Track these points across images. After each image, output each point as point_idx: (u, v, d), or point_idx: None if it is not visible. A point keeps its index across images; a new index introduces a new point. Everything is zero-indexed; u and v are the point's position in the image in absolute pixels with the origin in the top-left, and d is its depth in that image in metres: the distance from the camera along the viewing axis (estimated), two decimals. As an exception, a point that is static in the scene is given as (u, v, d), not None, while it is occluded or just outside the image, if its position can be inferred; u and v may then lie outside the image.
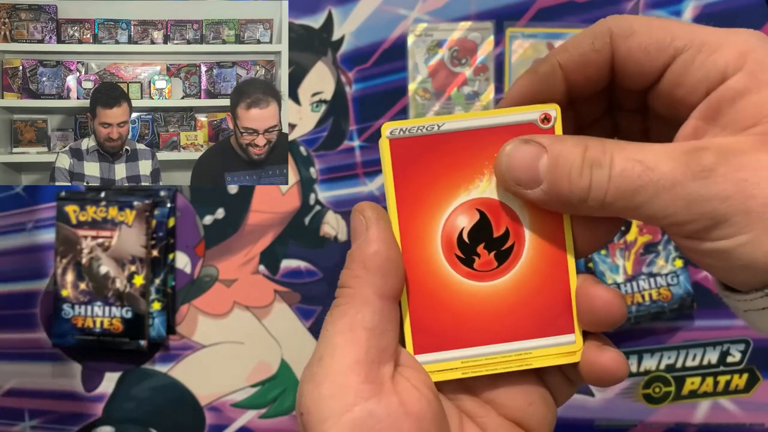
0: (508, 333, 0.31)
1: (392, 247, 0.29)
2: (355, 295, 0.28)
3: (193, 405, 0.68)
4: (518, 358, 0.31)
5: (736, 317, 0.67)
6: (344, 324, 0.28)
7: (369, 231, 0.29)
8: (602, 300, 0.30)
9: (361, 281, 0.29)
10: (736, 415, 0.68)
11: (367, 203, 0.30)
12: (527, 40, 0.68)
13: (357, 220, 0.30)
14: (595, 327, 0.30)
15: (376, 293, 0.28)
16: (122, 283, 0.66)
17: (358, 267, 0.29)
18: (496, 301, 0.31)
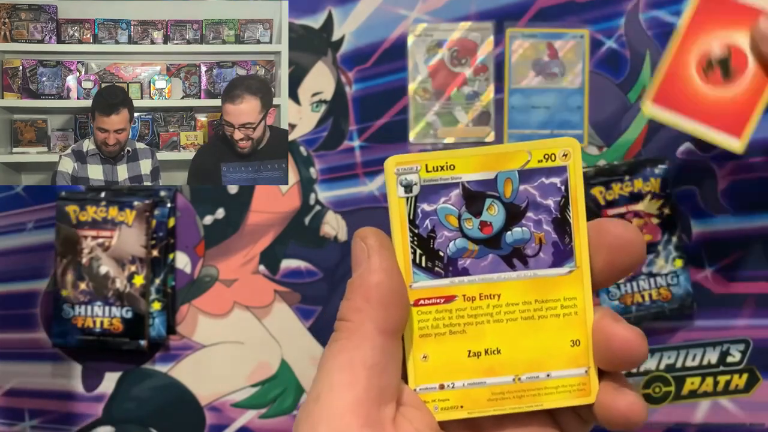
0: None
1: (396, 278, 0.28)
2: (355, 330, 0.27)
3: (193, 405, 0.68)
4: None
5: (736, 317, 0.67)
6: (343, 361, 0.27)
7: (371, 260, 0.28)
8: (622, 340, 0.28)
9: (361, 315, 0.27)
10: (736, 415, 0.68)
11: (369, 229, 0.29)
12: (527, 40, 0.68)
13: (358, 248, 0.29)
14: (613, 367, 0.29)
15: (378, 328, 0.27)
16: (122, 283, 0.66)
17: (359, 299, 0.27)
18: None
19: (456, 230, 0.29)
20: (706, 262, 0.68)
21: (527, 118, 0.68)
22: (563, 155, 0.29)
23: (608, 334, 0.28)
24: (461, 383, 0.29)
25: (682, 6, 0.68)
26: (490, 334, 0.29)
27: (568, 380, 0.29)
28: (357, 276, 0.28)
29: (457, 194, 0.29)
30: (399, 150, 0.68)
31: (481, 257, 0.29)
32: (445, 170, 0.29)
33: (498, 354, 0.29)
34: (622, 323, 0.29)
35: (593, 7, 0.68)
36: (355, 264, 0.29)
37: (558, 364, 0.29)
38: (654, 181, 0.66)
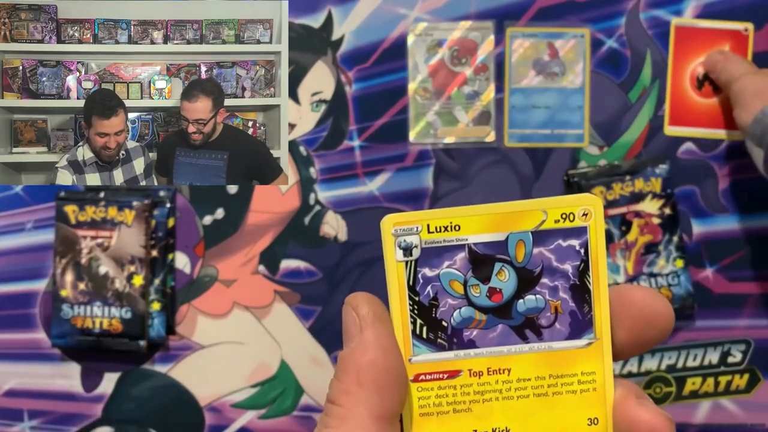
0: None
1: (392, 356, 0.25)
2: (347, 417, 0.24)
3: (193, 405, 0.68)
4: None
5: (737, 317, 0.67)
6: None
7: (364, 334, 0.25)
8: (647, 427, 0.25)
9: (353, 399, 0.24)
10: (737, 415, 0.67)
11: (361, 296, 0.26)
12: (527, 40, 0.68)
13: (350, 319, 0.25)
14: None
15: (372, 415, 0.24)
16: (122, 283, 0.66)
17: (351, 380, 0.24)
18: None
19: (461, 297, 0.26)
20: (707, 262, 0.68)
21: (528, 118, 0.68)
22: (583, 215, 0.26)
23: (632, 419, 0.25)
24: None
25: (682, 6, 0.68)
26: (498, 412, 0.26)
27: None
28: (348, 352, 0.25)
29: (462, 258, 0.26)
30: (399, 150, 0.68)
31: (489, 328, 0.27)
32: (450, 231, 0.26)
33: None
34: (647, 405, 0.26)
35: (594, 6, 0.68)
36: (346, 337, 0.26)
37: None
38: (655, 181, 0.66)
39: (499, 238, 0.26)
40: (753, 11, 0.67)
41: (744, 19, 0.67)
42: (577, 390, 0.26)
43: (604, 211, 0.27)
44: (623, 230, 0.66)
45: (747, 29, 0.67)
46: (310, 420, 0.68)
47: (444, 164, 0.68)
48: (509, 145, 0.68)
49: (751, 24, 0.67)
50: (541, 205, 0.26)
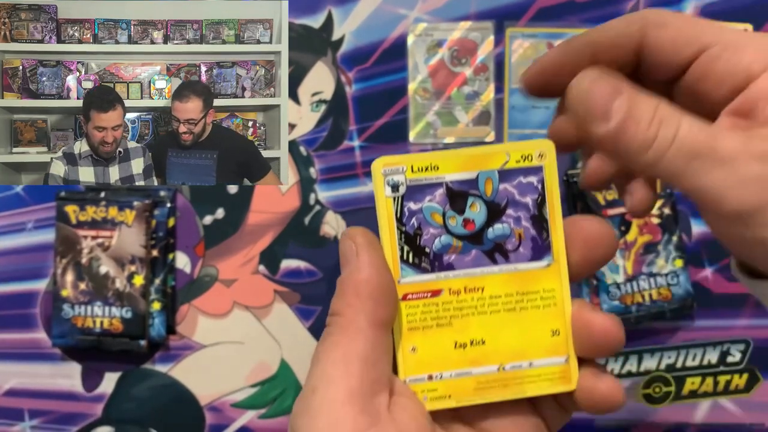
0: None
1: (384, 273, 0.29)
2: (347, 324, 0.28)
3: (193, 405, 0.68)
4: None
5: (736, 317, 0.67)
6: (338, 354, 0.27)
7: (360, 257, 0.29)
8: (601, 327, 0.30)
9: (353, 309, 0.28)
10: (736, 415, 0.68)
11: (357, 228, 0.30)
12: (527, 40, 0.68)
13: (347, 246, 0.29)
14: (593, 354, 0.30)
15: (369, 321, 0.28)
16: (122, 283, 0.66)
17: (350, 294, 0.28)
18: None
19: (441, 227, 0.31)
20: (707, 262, 0.68)
21: (527, 118, 0.68)
22: (539, 156, 0.30)
23: (587, 323, 0.30)
24: (449, 374, 0.30)
25: (681, 6, 0.68)
26: (474, 325, 0.31)
27: (550, 368, 0.31)
28: (347, 273, 0.29)
29: (441, 193, 0.30)
30: (399, 150, 0.68)
31: (465, 253, 0.31)
32: (430, 171, 0.30)
33: (483, 345, 0.30)
34: (599, 312, 0.30)
35: (593, 6, 0.68)
36: (344, 262, 0.29)
37: (539, 353, 0.31)
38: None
39: (471, 176, 0.30)
40: (752, 11, 0.67)
41: (744, 19, 0.67)
42: (540, 305, 0.31)
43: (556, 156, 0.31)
44: (622, 230, 0.66)
45: (747, 30, 0.67)
46: (310, 420, 0.68)
47: (444, 164, 0.68)
48: (509, 145, 0.68)
49: (751, 25, 0.67)
50: (504, 148, 0.30)
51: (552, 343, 0.31)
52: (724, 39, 0.27)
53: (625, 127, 0.27)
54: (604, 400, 0.30)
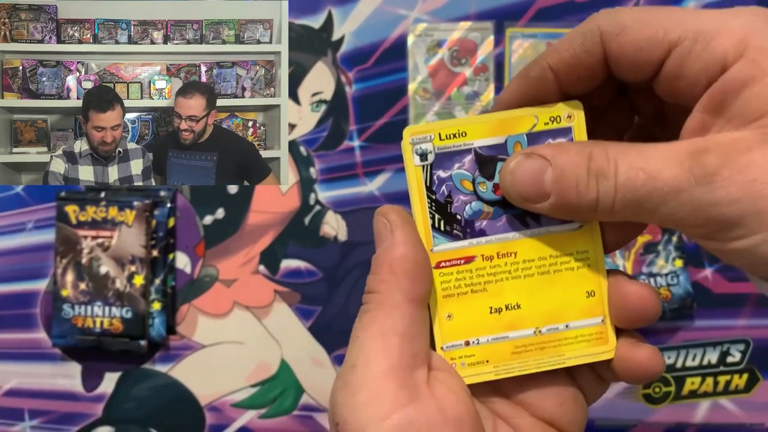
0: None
1: (419, 250, 0.29)
2: (384, 300, 0.28)
3: (193, 405, 0.68)
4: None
5: (736, 317, 0.67)
6: (375, 330, 0.27)
7: (394, 234, 0.29)
8: (636, 296, 0.29)
9: (389, 285, 0.28)
10: (736, 415, 0.68)
11: (390, 207, 0.30)
12: (527, 40, 0.68)
13: (381, 224, 0.29)
14: (630, 324, 0.30)
15: (405, 297, 0.28)
16: (122, 283, 0.66)
17: (386, 271, 0.28)
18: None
19: (471, 194, 0.30)
20: (706, 261, 0.68)
21: (527, 118, 0.68)
22: (567, 117, 0.30)
23: (624, 291, 0.29)
24: (485, 339, 0.30)
25: (681, 6, 0.68)
26: (509, 290, 0.30)
27: (586, 330, 0.30)
28: (382, 251, 0.29)
29: (470, 159, 0.30)
30: (399, 150, 0.68)
31: (496, 218, 0.30)
32: (458, 137, 0.30)
33: (518, 309, 0.30)
34: (635, 281, 0.30)
35: (593, 7, 0.68)
36: (378, 239, 0.29)
37: (575, 315, 0.30)
38: (654, 181, 0.66)
39: (499, 141, 0.30)
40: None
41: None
42: (574, 267, 0.30)
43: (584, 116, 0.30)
44: (623, 230, 0.66)
45: None
46: (311, 419, 0.68)
47: (444, 164, 0.68)
48: (509, 145, 0.68)
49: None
50: (532, 111, 0.30)
51: (588, 305, 0.30)
52: (691, 29, 0.25)
53: (566, 197, 0.27)
54: (643, 369, 0.29)
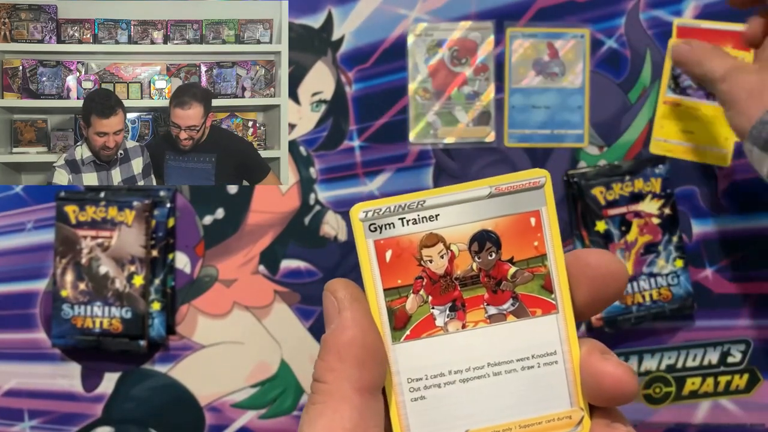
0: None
1: (369, 333, 0.26)
2: (331, 392, 0.26)
3: (193, 405, 0.68)
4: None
5: (736, 317, 0.67)
6: (322, 426, 0.25)
7: (342, 315, 0.26)
8: (612, 378, 0.27)
9: (336, 375, 0.26)
10: (736, 415, 0.68)
11: (339, 282, 0.27)
12: (527, 40, 0.68)
13: (329, 302, 0.27)
14: (603, 404, 0.28)
15: (354, 387, 0.26)
16: (122, 283, 0.66)
17: (333, 358, 0.26)
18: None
19: None
20: (707, 262, 0.68)
21: (527, 118, 0.68)
22: None
23: (597, 372, 0.27)
24: None
25: (682, 6, 0.68)
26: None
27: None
28: (329, 333, 0.27)
29: None
30: (399, 150, 0.68)
31: None
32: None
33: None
34: (610, 359, 0.27)
35: (593, 6, 0.68)
36: (327, 320, 0.27)
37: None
38: (654, 181, 0.66)
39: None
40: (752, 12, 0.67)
41: (743, 19, 0.67)
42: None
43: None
44: (623, 230, 0.66)
45: None
46: (310, 420, 0.68)
47: (444, 164, 0.68)
48: (509, 145, 0.68)
49: (751, 24, 0.67)
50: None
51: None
52: None
53: None
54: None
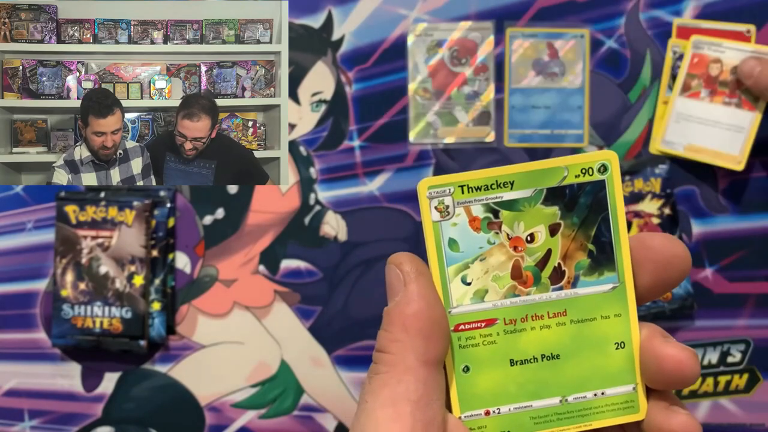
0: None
1: (435, 307, 0.27)
2: (396, 363, 0.26)
3: (193, 405, 0.68)
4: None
5: (736, 317, 0.67)
6: (386, 396, 0.25)
7: (408, 288, 0.26)
8: (674, 361, 0.27)
9: (401, 346, 0.26)
10: (736, 415, 0.68)
11: (404, 255, 0.27)
12: (527, 40, 0.68)
13: (393, 275, 0.27)
14: (664, 387, 0.28)
15: (419, 359, 0.26)
16: (122, 283, 0.66)
17: (398, 330, 0.26)
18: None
19: None
20: (707, 262, 0.68)
21: (527, 118, 0.68)
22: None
23: (659, 355, 0.27)
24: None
25: (681, 6, 0.68)
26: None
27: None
28: (394, 305, 0.27)
29: None
30: (399, 150, 0.68)
31: None
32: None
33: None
34: (672, 342, 0.28)
35: (593, 6, 0.68)
36: (391, 292, 0.27)
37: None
38: (654, 181, 0.66)
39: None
40: (752, 12, 0.67)
41: (743, 19, 0.67)
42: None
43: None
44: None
45: (749, 30, 0.67)
46: (311, 420, 0.68)
47: (444, 164, 0.68)
48: (509, 145, 0.68)
49: (753, 25, 0.67)
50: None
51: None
52: None
53: None
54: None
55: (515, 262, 0.28)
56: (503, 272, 0.28)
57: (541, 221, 0.28)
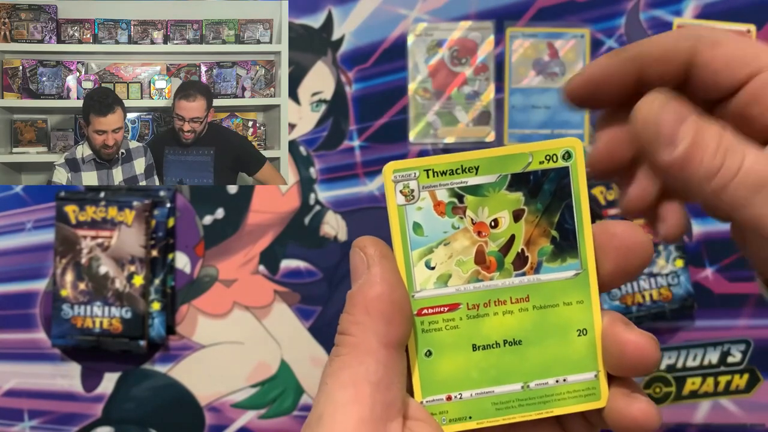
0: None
1: (397, 289, 0.27)
2: (357, 344, 0.26)
3: (193, 405, 0.68)
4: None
5: (736, 317, 0.67)
6: (346, 377, 0.25)
7: (371, 270, 0.27)
8: (635, 346, 0.27)
9: (363, 328, 0.26)
10: (736, 415, 0.67)
11: (368, 238, 0.28)
12: (527, 40, 0.68)
13: (357, 258, 0.27)
14: (625, 374, 0.28)
15: (381, 341, 0.26)
16: (122, 283, 0.66)
17: (360, 312, 0.26)
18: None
19: None
20: (707, 262, 0.68)
21: (527, 118, 0.68)
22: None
23: (620, 341, 0.28)
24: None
25: (682, 6, 0.68)
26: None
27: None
28: (357, 288, 0.27)
29: None
30: (399, 149, 0.68)
31: None
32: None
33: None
34: (633, 329, 0.28)
35: (593, 6, 0.68)
36: (354, 275, 0.27)
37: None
38: (654, 180, 0.66)
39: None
40: (752, 12, 0.67)
41: (743, 19, 0.67)
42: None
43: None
44: (623, 230, 0.66)
45: (749, 30, 0.67)
46: (310, 420, 0.68)
47: (444, 164, 0.68)
48: (509, 145, 0.68)
49: (753, 25, 0.67)
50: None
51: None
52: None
53: (691, 155, 0.25)
54: (636, 424, 0.27)
55: (479, 247, 0.28)
56: (467, 257, 0.28)
57: (505, 207, 0.28)
